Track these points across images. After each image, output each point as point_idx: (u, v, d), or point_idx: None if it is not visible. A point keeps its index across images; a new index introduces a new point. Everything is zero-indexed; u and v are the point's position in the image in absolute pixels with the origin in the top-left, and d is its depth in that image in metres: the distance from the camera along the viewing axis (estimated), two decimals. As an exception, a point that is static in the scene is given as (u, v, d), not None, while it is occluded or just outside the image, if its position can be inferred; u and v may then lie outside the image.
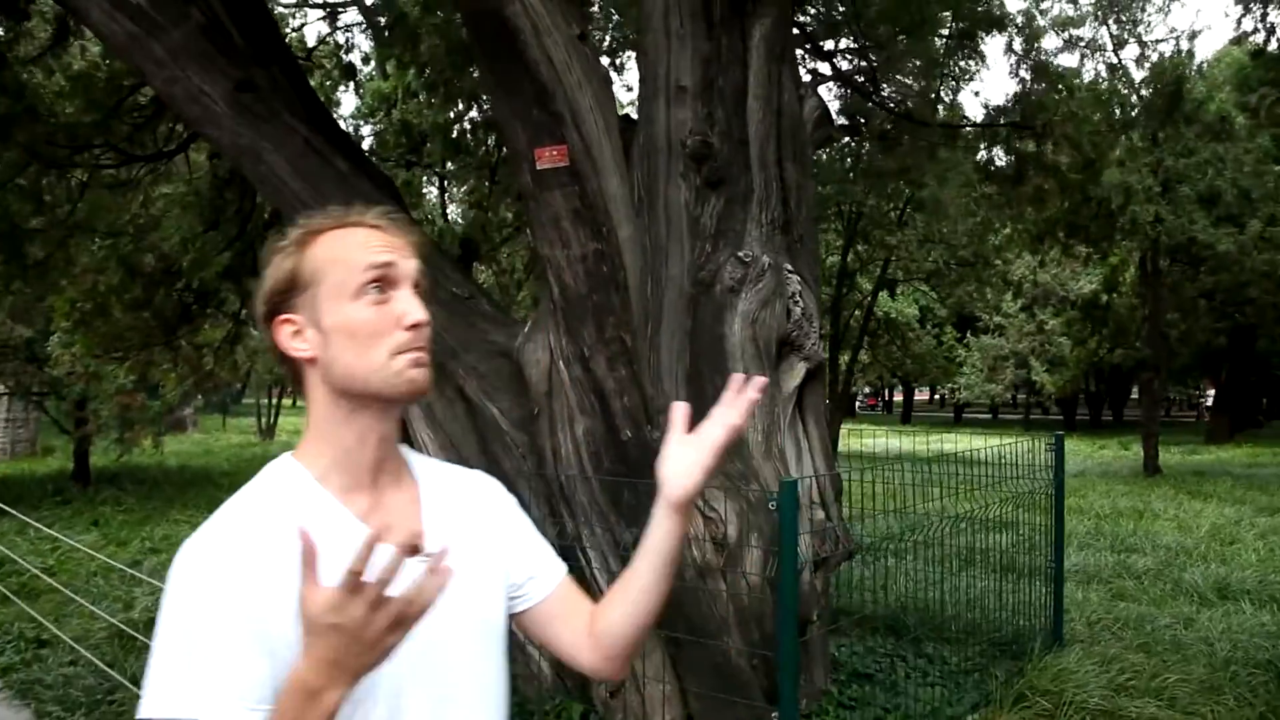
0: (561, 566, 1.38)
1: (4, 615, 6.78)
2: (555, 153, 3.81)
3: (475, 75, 10.81)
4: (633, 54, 9.63)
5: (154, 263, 7.06)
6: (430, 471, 1.30)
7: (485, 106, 15.42)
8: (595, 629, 1.32)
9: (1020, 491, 5.47)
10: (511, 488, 4.53)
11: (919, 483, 5.12)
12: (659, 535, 1.28)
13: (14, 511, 8.16)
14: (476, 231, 16.21)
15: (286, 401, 31.98)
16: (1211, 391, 32.67)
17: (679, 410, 1.29)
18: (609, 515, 4.18)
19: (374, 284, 1.13)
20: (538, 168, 3.83)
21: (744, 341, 4.41)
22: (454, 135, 15.20)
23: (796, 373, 4.72)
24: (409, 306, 1.14)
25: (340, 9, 14.31)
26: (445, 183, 17.65)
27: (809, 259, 4.91)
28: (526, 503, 4.79)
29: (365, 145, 16.20)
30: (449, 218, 18.16)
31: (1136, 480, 15.53)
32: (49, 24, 6.28)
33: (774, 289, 4.47)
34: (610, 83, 4.15)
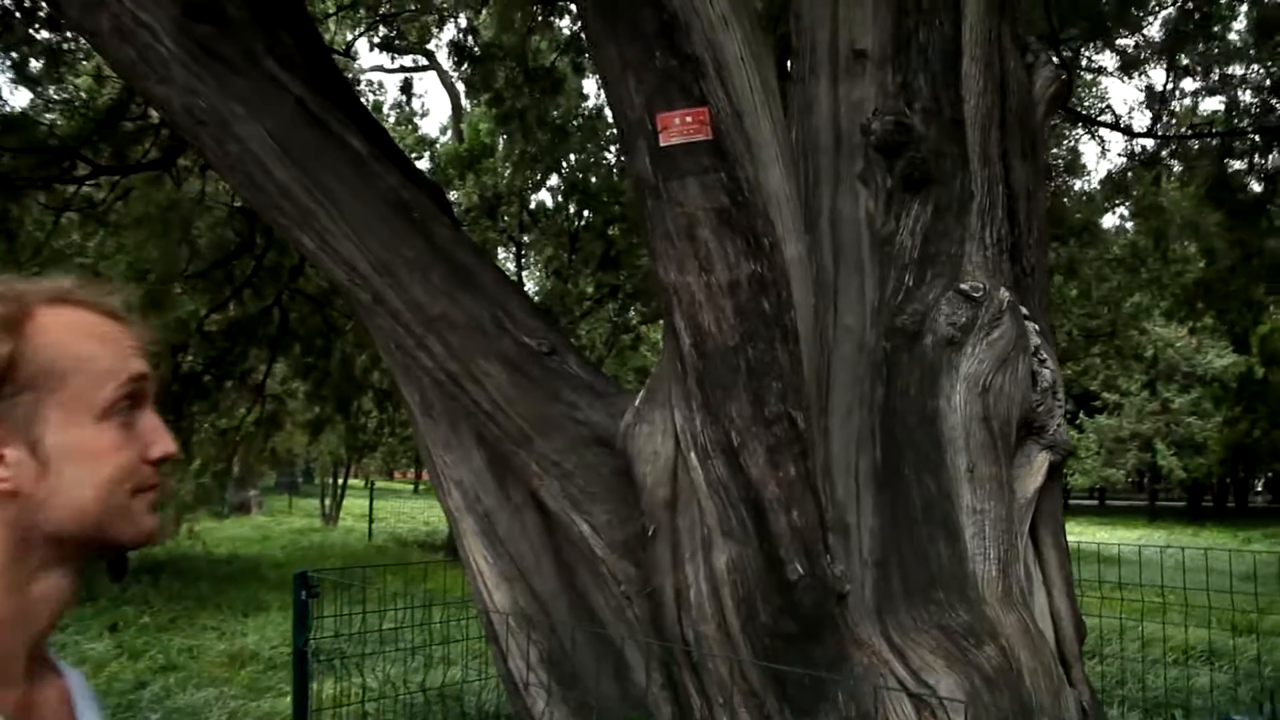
0: None
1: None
2: (691, 119, 2.38)
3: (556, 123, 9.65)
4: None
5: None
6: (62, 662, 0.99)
7: (565, 170, 14.42)
8: None
9: None
10: (607, 643, 2.52)
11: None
12: None
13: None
14: (555, 302, 15.07)
15: (355, 482, 30.58)
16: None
17: None
18: (765, 700, 2.62)
19: (126, 401, 0.85)
20: (662, 143, 2.40)
21: (970, 422, 2.86)
22: (530, 201, 14.21)
23: (1037, 469, 3.14)
24: (159, 435, 0.87)
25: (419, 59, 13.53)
26: (521, 250, 16.59)
27: (1043, 301, 3.36)
28: (631, 667, 3.26)
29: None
30: (524, 287, 17.02)
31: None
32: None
33: (1013, 341, 2.93)
34: (770, 26, 2.73)
